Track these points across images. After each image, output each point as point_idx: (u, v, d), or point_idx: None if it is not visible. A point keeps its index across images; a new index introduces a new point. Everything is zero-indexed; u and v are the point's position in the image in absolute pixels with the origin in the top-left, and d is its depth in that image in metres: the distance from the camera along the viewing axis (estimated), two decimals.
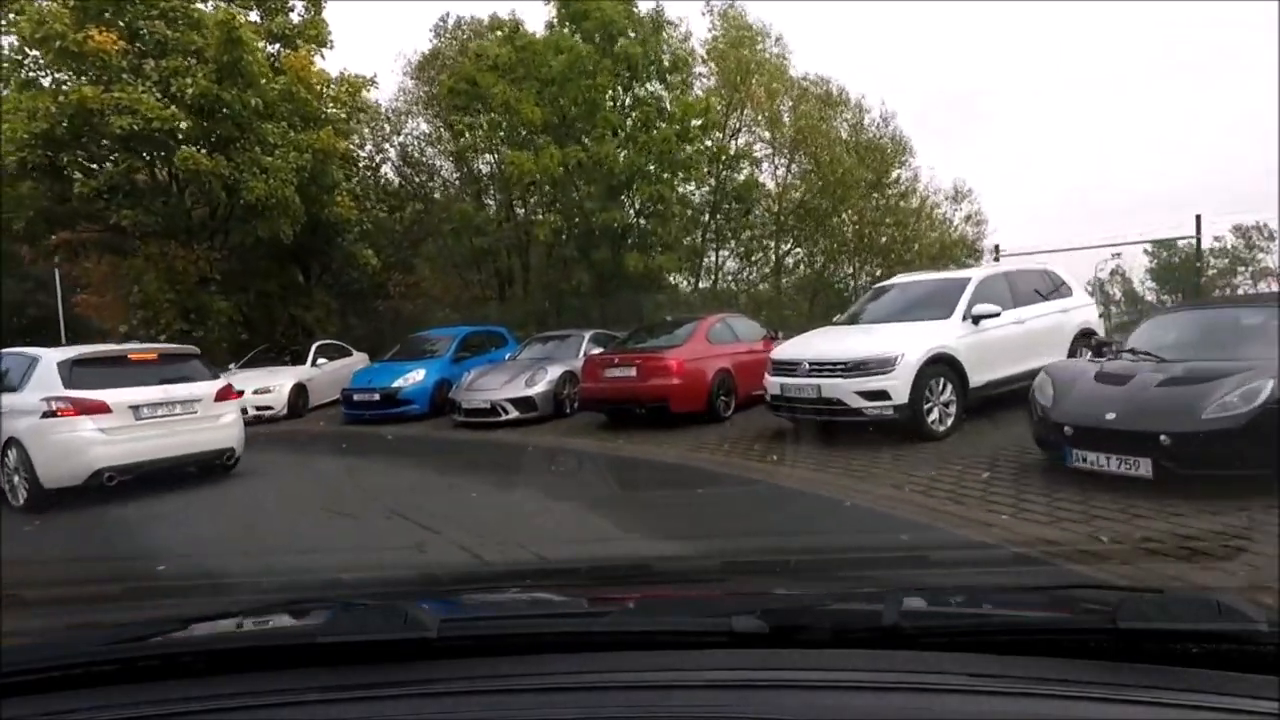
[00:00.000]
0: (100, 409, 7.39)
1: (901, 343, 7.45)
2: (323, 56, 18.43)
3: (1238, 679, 0.89)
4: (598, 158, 15.81)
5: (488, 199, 21.72)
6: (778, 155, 20.81)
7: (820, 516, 5.45)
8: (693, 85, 18.23)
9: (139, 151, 15.76)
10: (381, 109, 22.48)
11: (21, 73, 15.90)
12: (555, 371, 11.79)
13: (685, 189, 18.00)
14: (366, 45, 42.12)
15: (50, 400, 7.29)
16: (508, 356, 13.70)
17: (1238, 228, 37.87)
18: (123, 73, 15.01)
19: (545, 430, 10.99)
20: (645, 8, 17.74)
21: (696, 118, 16.63)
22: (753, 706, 0.89)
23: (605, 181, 16.37)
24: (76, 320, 29.17)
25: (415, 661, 0.99)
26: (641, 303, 17.50)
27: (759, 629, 1.01)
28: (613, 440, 9.64)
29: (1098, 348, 6.65)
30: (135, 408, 7.63)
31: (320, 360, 15.85)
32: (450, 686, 0.96)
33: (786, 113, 19.96)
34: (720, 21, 19.91)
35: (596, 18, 16.61)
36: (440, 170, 23.90)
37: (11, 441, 7.43)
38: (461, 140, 19.06)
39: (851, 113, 20.92)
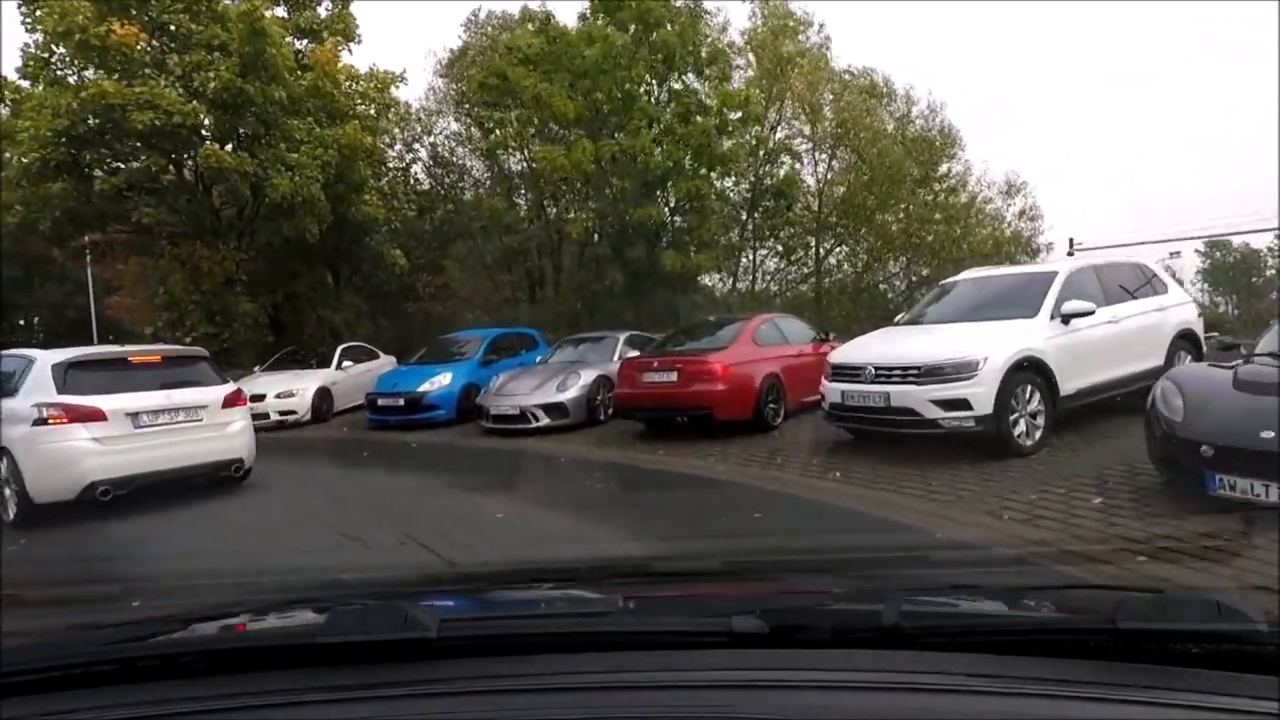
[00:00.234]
0: (95, 416, 6.77)
1: (983, 345, 6.54)
2: (350, 51, 17.97)
3: (1238, 679, 0.89)
4: (633, 151, 15.01)
5: (518, 198, 21.13)
6: (818, 150, 19.86)
7: (918, 551, 4.84)
8: (731, 77, 17.33)
9: (161, 148, 15.34)
10: (412, 109, 22.03)
11: (49, 71, 15.60)
12: (588, 376, 11.04)
13: (723, 184, 17.13)
14: (396, 43, 41.86)
15: (41, 406, 6.70)
16: (538, 360, 13.00)
17: None
18: (145, 68, 14.62)
19: (578, 439, 10.24)
20: None
21: (736, 110, 15.74)
22: (753, 706, 0.88)
23: (640, 177, 15.59)
24: (110, 322, 29.24)
25: (415, 661, 0.99)
26: (677, 303, 16.71)
27: (759, 629, 1.01)
28: (651, 451, 8.84)
29: (1223, 350, 5.68)
30: (134, 415, 7.00)
31: (346, 363, 15.24)
32: (450, 687, 0.95)
33: (828, 106, 18.98)
34: (762, 9, 19.04)
35: (632, 7, 15.84)
36: (470, 170, 23.41)
37: (2, 451, 6.86)
38: (492, 137, 18.48)
39: (899, 104, 19.88)
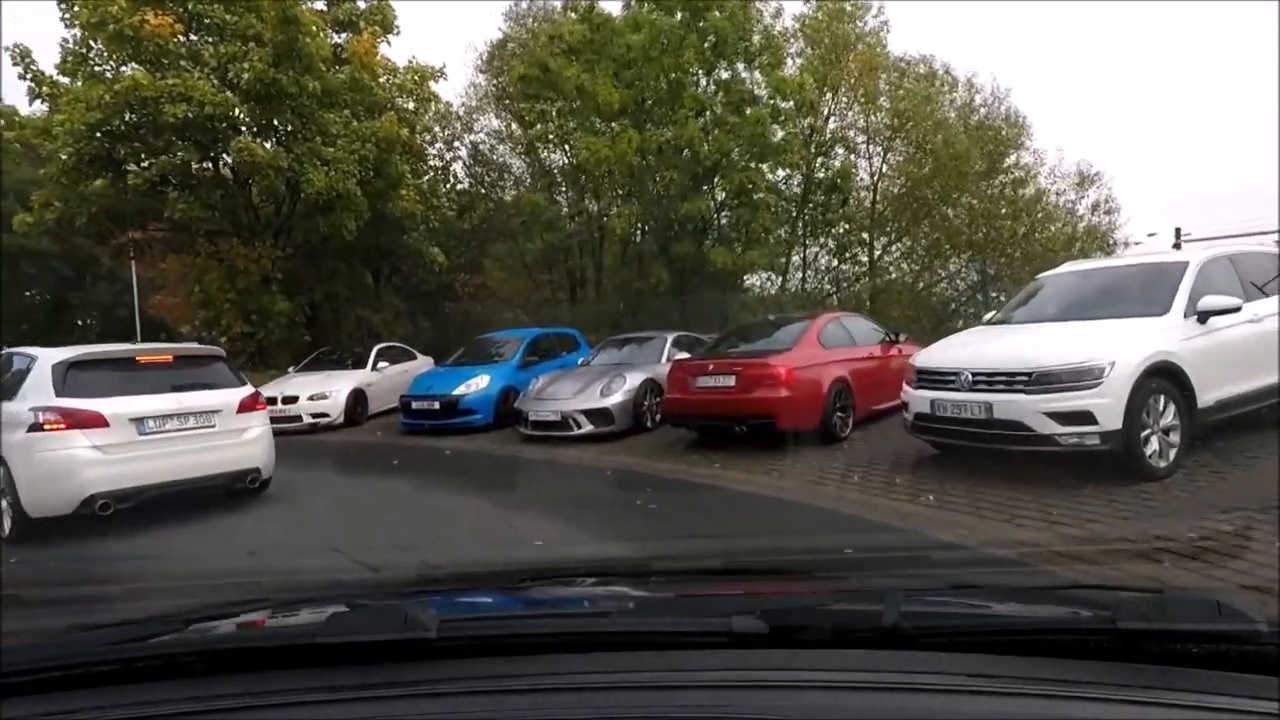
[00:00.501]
0: (95, 422, 6.13)
1: (1108, 347, 5.52)
2: (388, 43, 17.45)
3: (1238, 679, 0.89)
4: (681, 142, 14.08)
5: (559, 195, 20.45)
6: (873, 141, 18.73)
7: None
8: (785, 64, 16.29)
9: (195, 141, 14.94)
10: (452, 107, 21.51)
11: (87, 66, 15.32)
12: (634, 379, 10.20)
13: (775, 177, 16.14)
14: (436, 38, 41.51)
15: (37, 411, 6.08)
16: (580, 361, 12.21)
17: None
18: (180, 59, 14.23)
19: (623, 448, 9.40)
20: None
21: (788, 98, 14.71)
22: (753, 706, 0.89)
23: (688, 169, 14.67)
24: (154, 321, 29.39)
25: (415, 662, 0.99)
26: (726, 303, 15.77)
27: (759, 629, 1.01)
28: (707, 465, 7.96)
29: None
30: (139, 420, 6.35)
31: (381, 364, 14.61)
32: (450, 687, 0.95)
33: (884, 95, 17.83)
34: None
35: None
36: (510, 168, 22.81)
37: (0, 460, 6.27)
38: (532, 130, 17.74)
39: (960, 92, 18.64)
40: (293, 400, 13.01)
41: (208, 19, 14.38)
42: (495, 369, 12.24)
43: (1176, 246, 13.78)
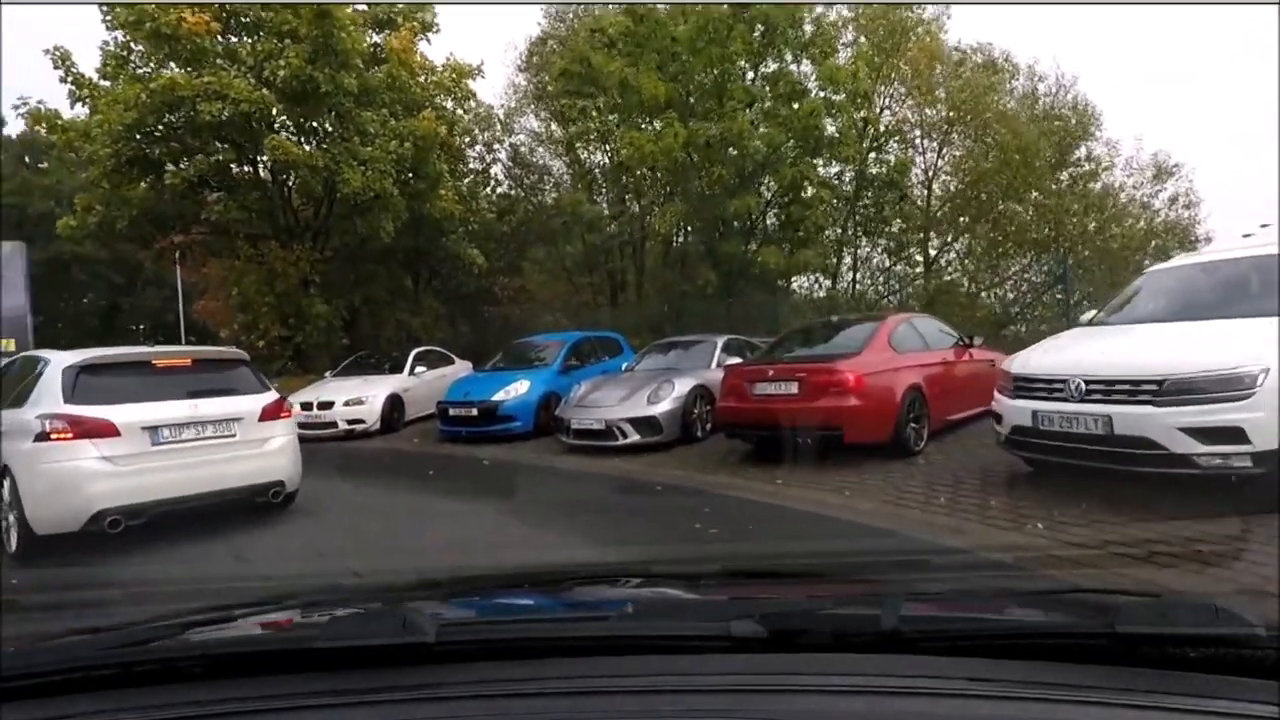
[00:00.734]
0: (105, 430, 5.63)
1: (1258, 351, 4.67)
2: (428, 41, 17.06)
3: (1236, 684, 0.89)
4: (730, 136, 13.31)
5: (599, 196, 19.90)
6: (926, 136, 17.76)
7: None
8: (837, 53, 15.40)
9: (231, 140, 14.69)
10: (493, 110, 21.12)
11: (128, 69, 15.18)
12: (683, 386, 9.52)
13: (826, 172, 15.29)
14: (474, 37, 41.20)
15: (44, 418, 5.61)
16: (624, 367, 11.59)
17: None
18: (217, 58, 13.98)
19: (673, 459, 8.73)
20: None
21: (842, 88, 13.84)
22: (753, 710, 0.89)
23: (736, 164, 13.90)
24: (197, 326, 29.59)
25: (414, 666, 0.98)
26: (777, 305, 14.97)
27: (758, 633, 1.01)
28: (767, 480, 7.23)
29: None
30: (152, 429, 5.85)
31: (419, 368, 14.17)
32: (449, 691, 0.95)
33: (941, 86, 16.85)
34: None
35: None
36: (550, 170, 22.37)
37: (5, 471, 5.82)
38: (573, 128, 17.17)
39: (1022, 80, 17.56)
40: (328, 406, 12.66)
41: (244, 17, 14.13)
42: (535, 374, 11.68)
43: None
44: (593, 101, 15.81)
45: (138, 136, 14.07)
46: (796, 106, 13.58)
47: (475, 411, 11.21)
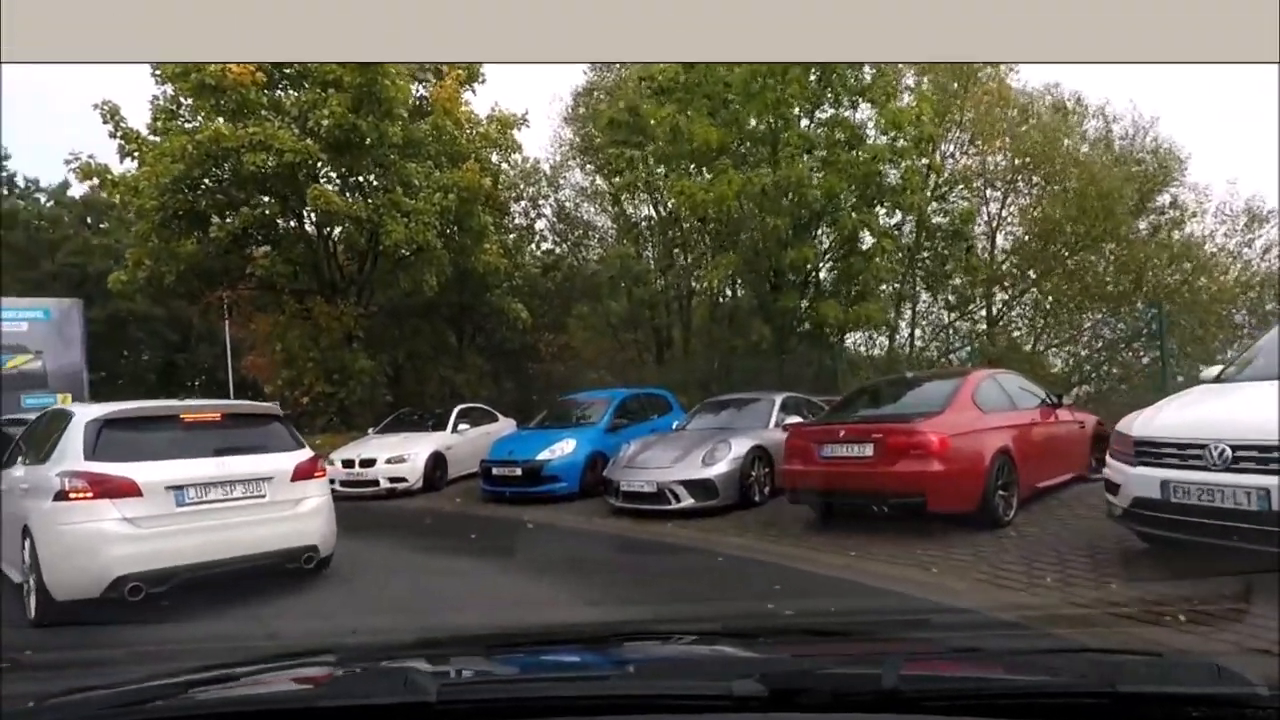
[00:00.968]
0: (127, 490, 5.22)
1: None
2: (474, 92, 17.16)
3: None
4: (787, 184, 12.84)
5: (646, 251, 19.63)
6: (991, 185, 17.13)
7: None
8: (898, 96, 14.95)
9: (276, 192, 14.77)
10: (539, 164, 21.19)
11: (178, 123, 15.47)
12: (740, 446, 8.88)
13: (889, 222, 14.72)
14: (518, 88, 41.91)
15: (64, 476, 5.24)
16: (675, 425, 10.98)
17: None
18: (261, 108, 14.17)
19: (731, 526, 8.06)
20: None
21: (904, 132, 13.33)
22: None
23: (792, 214, 13.42)
24: (246, 382, 29.89)
25: None
26: (834, 361, 14.29)
27: (759, 692, 1.00)
28: (838, 552, 6.50)
29: None
30: (177, 489, 5.42)
31: (462, 425, 13.77)
32: None
33: (1008, 131, 16.28)
34: None
35: None
36: (595, 226, 22.27)
37: (26, 531, 5.44)
38: (619, 179, 16.97)
39: (1093, 121, 16.86)
40: (370, 464, 12.33)
41: (289, 67, 14.34)
42: (581, 432, 11.17)
43: None
44: (641, 151, 15.59)
45: (184, 189, 14.19)
46: (855, 152, 13.11)
47: (519, 471, 10.72)
